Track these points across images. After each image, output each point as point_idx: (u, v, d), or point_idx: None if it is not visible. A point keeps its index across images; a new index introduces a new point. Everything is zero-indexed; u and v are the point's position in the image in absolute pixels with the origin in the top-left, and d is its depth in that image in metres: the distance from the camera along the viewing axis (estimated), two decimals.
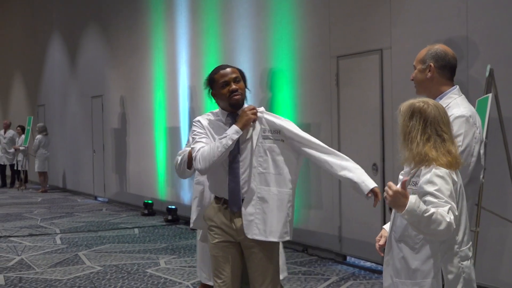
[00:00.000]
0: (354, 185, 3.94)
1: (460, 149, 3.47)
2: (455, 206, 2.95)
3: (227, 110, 4.14)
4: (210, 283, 4.69)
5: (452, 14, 6.35)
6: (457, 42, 6.22)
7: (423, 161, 3.07)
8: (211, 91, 4.18)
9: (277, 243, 4.13)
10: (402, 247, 3.14)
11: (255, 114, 4.04)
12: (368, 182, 3.90)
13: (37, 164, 17.64)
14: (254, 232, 3.99)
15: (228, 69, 4.11)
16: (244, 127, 4.00)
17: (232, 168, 4.04)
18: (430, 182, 3.00)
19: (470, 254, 3.17)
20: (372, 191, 3.87)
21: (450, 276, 3.05)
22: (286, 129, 4.08)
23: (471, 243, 3.21)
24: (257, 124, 4.09)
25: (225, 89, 4.07)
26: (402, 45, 6.93)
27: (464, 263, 3.11)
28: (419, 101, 3.16)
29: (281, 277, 4.54)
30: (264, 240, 4.02)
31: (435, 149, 3.06)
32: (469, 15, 6.16)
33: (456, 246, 3.08)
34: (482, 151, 3.66)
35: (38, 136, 17.61)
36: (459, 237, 3.10)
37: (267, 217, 4.01)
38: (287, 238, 4.11)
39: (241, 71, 4.26)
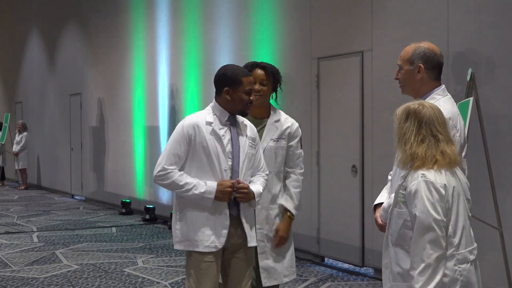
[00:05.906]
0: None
1: None
2: (439, 221, 2.93)
3: (230, 112, 3.84)
4: None
5: (433, 17, 6.39)
6: (438, 46, 6.20)
7: (414, 162, 3.03)
8: (224, 86, 3.85)
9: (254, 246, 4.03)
10: (397, 251, 3.12)
11: (229, 194, 3.75)
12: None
13: (21, 161, 17.62)
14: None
15: (260, 74, 4.24)
16: (216, 200, 3.72)
17: (234, 172, 3.81)
18: (414, 196, 2.98)
19: (471, 257, 3.08)
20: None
21: (445, 279, 2.97)
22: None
23: (475, 245, 3.14)
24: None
25: (246, 97, 3.81)
26: (383, 47, 6.96)
27: (462, 266, 3.02)
28: (414, 103, 3.13)
29: (287, 279, 4.40)
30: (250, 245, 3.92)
31: (428, 150, 3.02)
32: (450, 19, 6.20)
33: (452, 249, 3.00)
34: (463, 154, 3.58)
35: (25, 134, 17.60)
36: (456, 240, 3.02)
37: (252, 222, 3.93)
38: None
39: (271, 73, 4.40)
